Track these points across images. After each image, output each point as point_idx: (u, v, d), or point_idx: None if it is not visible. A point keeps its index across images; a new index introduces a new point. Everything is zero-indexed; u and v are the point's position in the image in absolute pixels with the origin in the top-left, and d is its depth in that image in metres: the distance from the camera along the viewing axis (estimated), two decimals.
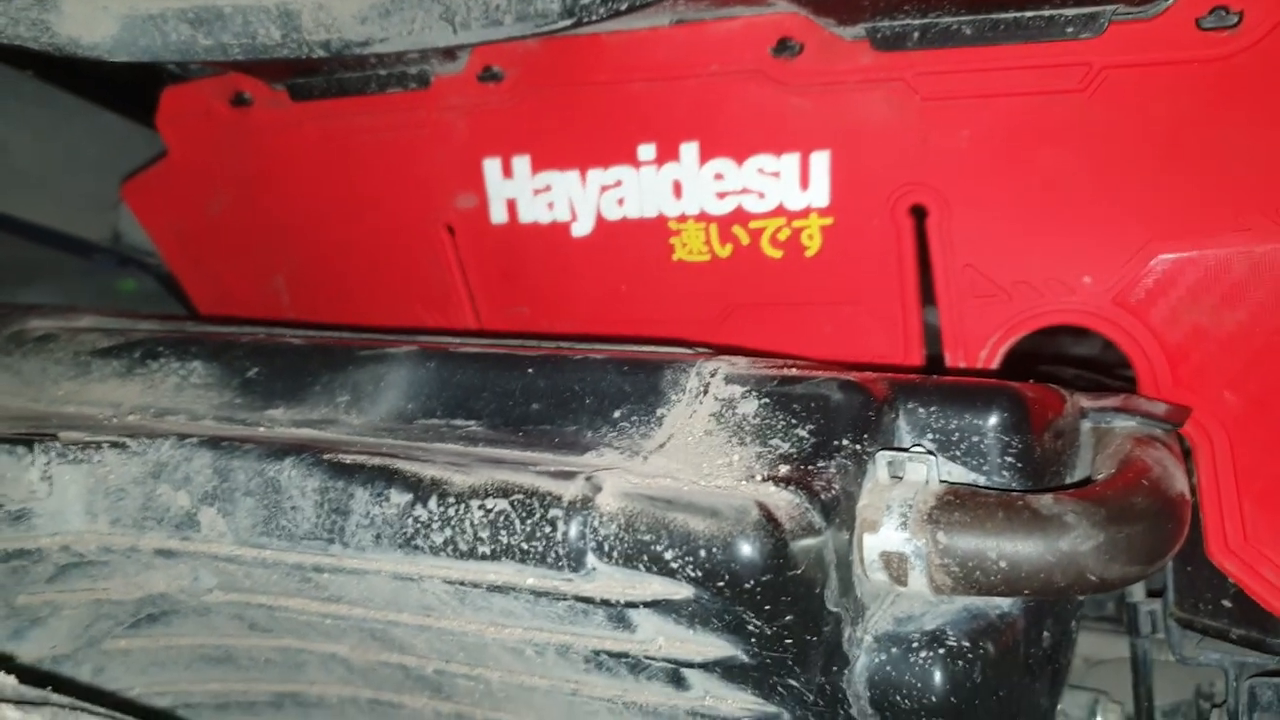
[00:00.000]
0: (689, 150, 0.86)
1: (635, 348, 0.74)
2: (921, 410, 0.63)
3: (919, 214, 0.81)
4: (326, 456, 0.62)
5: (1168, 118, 0.73)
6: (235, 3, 0.82)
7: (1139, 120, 0.74)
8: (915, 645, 0.57)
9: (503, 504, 0.57)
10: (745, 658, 0.56)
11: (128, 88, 1.19)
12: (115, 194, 1.22)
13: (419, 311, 1.03)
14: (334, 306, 1.06)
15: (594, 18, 0.73)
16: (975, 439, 0.61)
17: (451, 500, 0.58)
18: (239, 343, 0.78)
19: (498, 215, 0.95)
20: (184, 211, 1.11)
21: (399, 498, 0.58)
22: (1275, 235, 0.72)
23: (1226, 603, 0.77)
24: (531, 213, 0.94)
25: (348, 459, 0.61)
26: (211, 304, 1.15)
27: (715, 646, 0.56)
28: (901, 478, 0.59)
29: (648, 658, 0.57)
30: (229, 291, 1.12)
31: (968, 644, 0.56)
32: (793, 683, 0.56)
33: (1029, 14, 0.73)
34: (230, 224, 1.09)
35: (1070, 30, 0.73)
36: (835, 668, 0.56)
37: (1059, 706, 0.69)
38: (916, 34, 0.76)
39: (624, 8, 0.70)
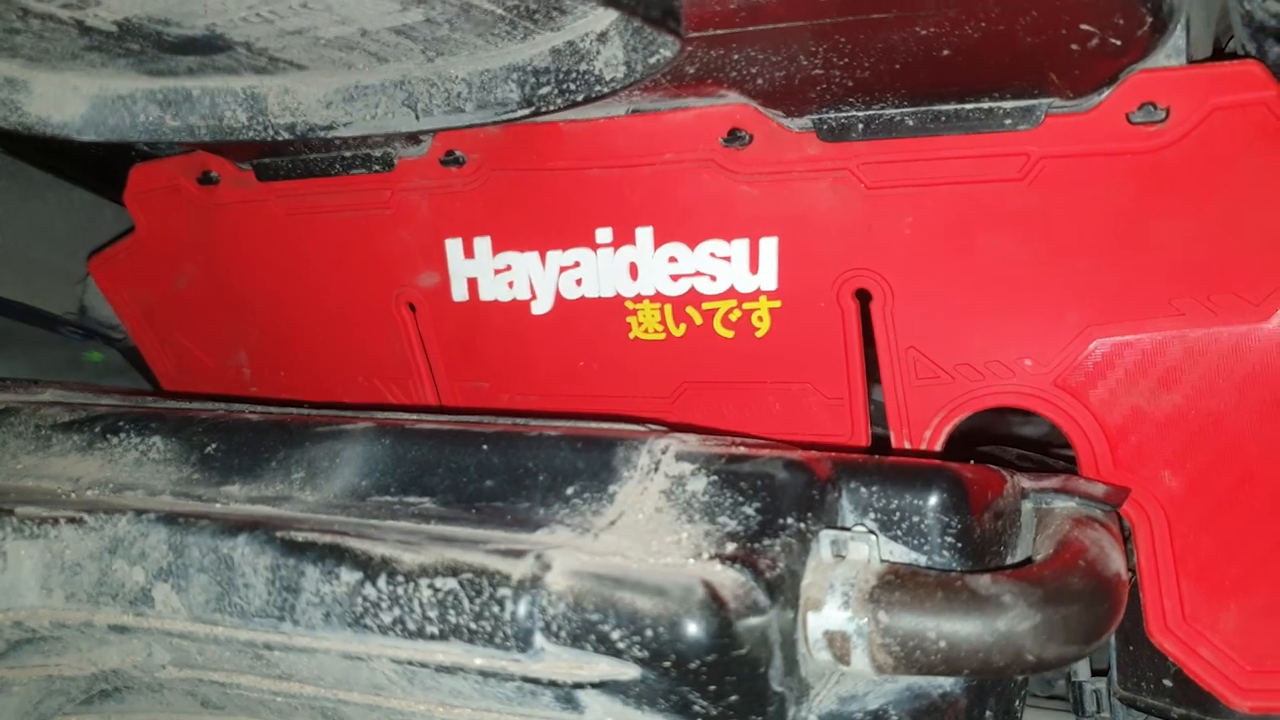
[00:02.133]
0: (644, 234, 0.89)
1: (590, 424, 0.76)
2: (864, 490, 0.64)
3: (864, 298, 0.83)
4: (279, 534, 0.62)
5: (1103, 206, 0.76)
6: (203, 85, 0.84)
7: (1075, 208, 0.77)
8: None
9: (451, 583, 0.58)
10: None
11: (96, 164, 1.20)
12: (82, 268, 1.23)
13: (379, 387, 1.04)
14: (295, 381, 1.07)
15: (551, 108, 0.76)
16: (916, 519, 0.63)
17: (400, 579, 0.58)
18: (198, 419, 0.79)
19: (459, 293, 0.97)
20: (150, 286, 1.12)
21: (348, 576, 0.59)
22: (1208, 320, 0.75)
23: (1168, 682, 0.78)
24: (492, 291, 0.95)
25: (299, 537, 0.62)
26: (175, 378, 1.16)
27: None
28: (844, 557, 0.60)
29: None
30: (192, 366, 1.13)
31: None
32: None
33: (969, 106, 0.76)
34: (195, 299, 1.10)
35: (1008, 122, 0.76)
36: None
37: None
38: (861, 125, 0.79)
39: (580, 99, 0.72)
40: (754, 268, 0.85)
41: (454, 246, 0.96)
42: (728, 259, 0.86)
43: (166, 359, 1.15)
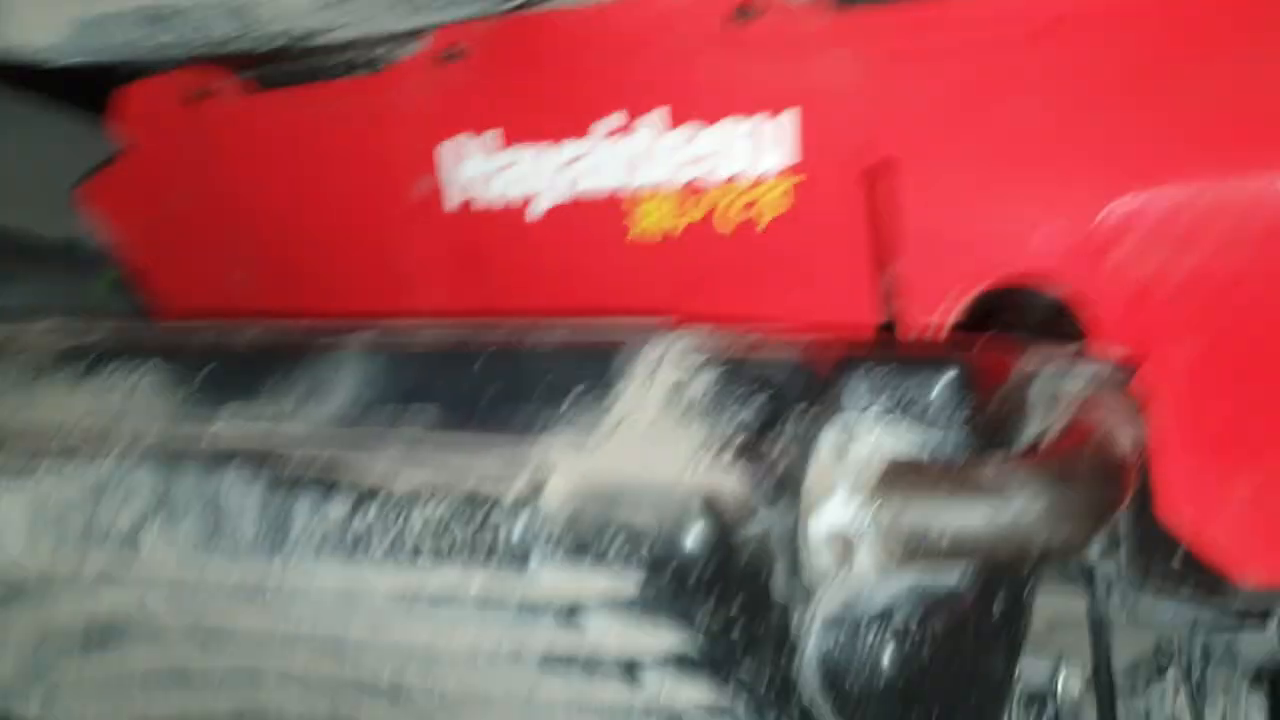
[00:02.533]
0: (652, 120, 0.86)
1: (593, 325, 0.74)
2: (870, 378, 0.62)
3: (881, 171, 0.80)
4: (266, 467, 0.61)
5: (1119, 60, 0.72)
6: None
7: (1091, 64, 0.73)
8: (863, 627, 0.56)
9: (444, 505, 0.57)
10: (696, 651, 0.55)
11: (83, 86, 1.18)
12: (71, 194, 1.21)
13: (381, 296, 1.02)
14: (296, 296, 1.06)
15: None
16: (923, 405, 0.61)
17: (392, 505, 0.57)
18: (189, 345, 0.77)
19: (458, 197, 0.94)
20: (145, 208, 1.10)
21: (339, 507, 0.58)
22: (1230, 173, 0.71)
23: (1178, 560, 0.76)
24: (498, 189, 0.93)
25: (288, 469, 0.61)
26: (176, 299, 1.15)
27: (665, 641, 0.55)
28: (848, 451, 0.59)
29: (599, 656, 0.57)
30: (193, 285, 1.12)
31: (915, 622, 0.56)
32: (744, 671, 0.56)
33: None
34: (192, 218, 1.08)
35: None
36: (786, 654, 0.56)
37: (1018, 674, 0.69)
38: None
39: None
40: (770, 146, 0.82)
41: (450, 149, 0.93)
42: (742, 138, 0.83)
43: (166, 279, 1.14)
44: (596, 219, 0.89)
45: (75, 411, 0.72)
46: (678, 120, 0.85)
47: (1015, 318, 0.79)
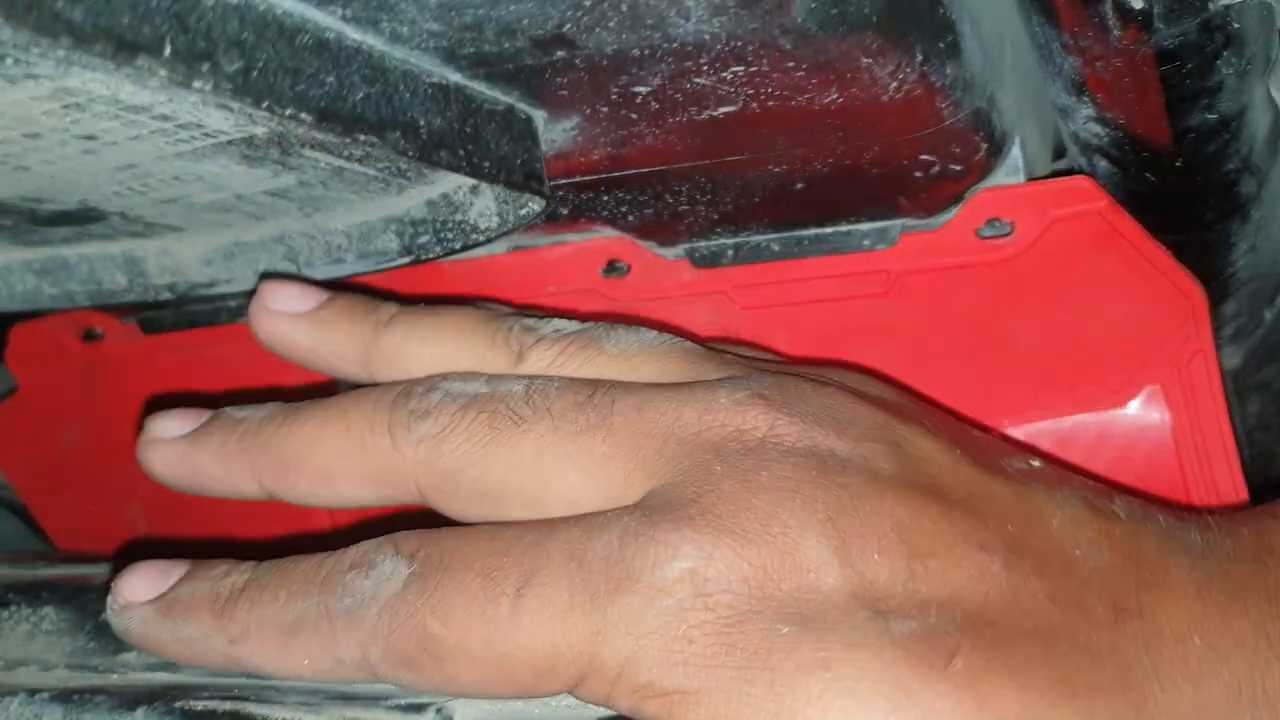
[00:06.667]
0: None
1: None
2: None
3: None
4: (178, 704, 0.62)
5: (962, 314, 0.81)
6: (80, 252, 0.85)
7: (937, 318, 0.81)
8: None
9: None
10: None
11: None
12: None
13: (275, 524, 1.03)
14: (191, 527, 1.06)
15: (431, 255, 0.78)
16: None
17: None
18: (92, 584, 0.78)
19: None
20: (36, 445, 1.10)
21: None
22: (1073, 410, 0.79)
23: None
24: None
25: (199, 705, 0.61)
26: (67, 535, 1.14)
27: None
28: None
29: None
30: (85, 522, 1.11)
31: None
32: None
33: (829, 230, 0.80)
34: (84, 455, 1.08)
35: (866, 243, 0.80)
36: None
37: None
38: (731, 251, 0.83)
39: (458, 247, 0.75)
40: None
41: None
42: None
43: (59, 516, 1.13)
44: None
45: None
46: None
47: None
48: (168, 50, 0.39)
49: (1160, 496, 0.77)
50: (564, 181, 0.73)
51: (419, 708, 0.59)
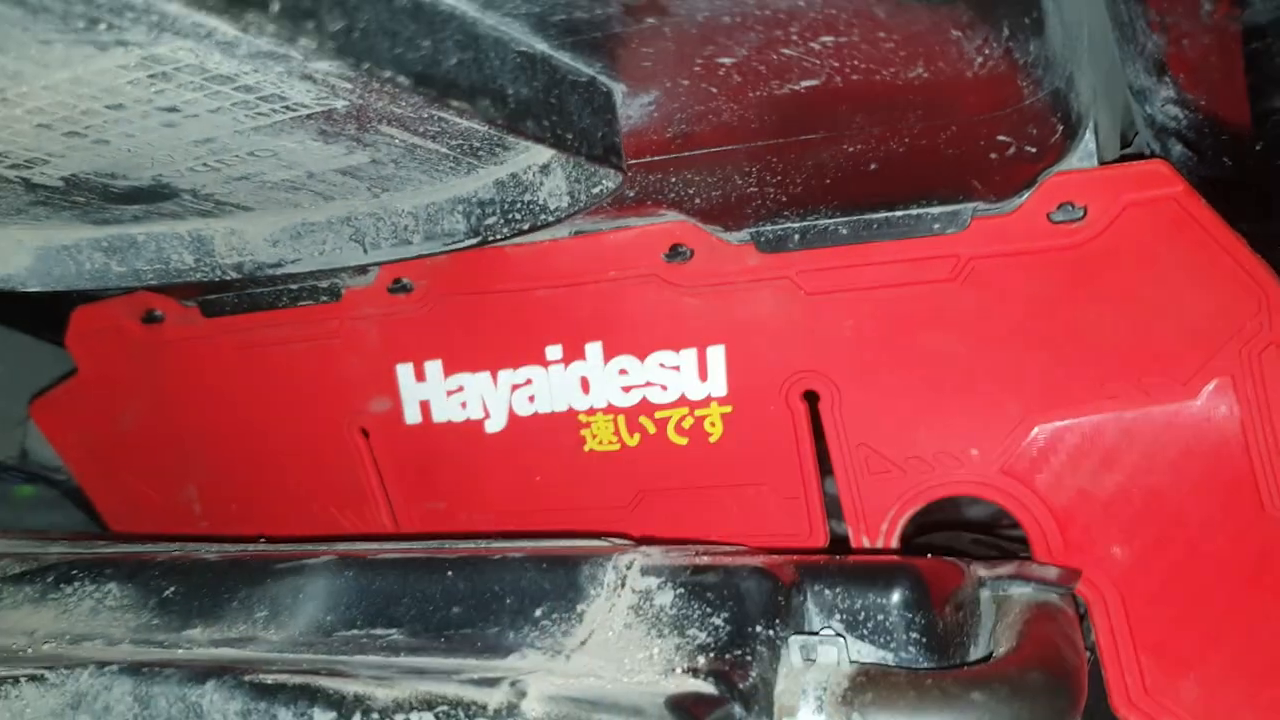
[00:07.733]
0: (594, 349, 0.91)
1: (553, 543, 0.76)
2: (828, 592, 0.65)
3: (812, 399, 0.86)
4: (248, 678, 0.62)
5: (1032, 300, 0.80)
6: (149, 230, 0.85)
7: (1007, 304, 0.80)
8: None
9: (428, 717, 0.58)
10: None
11: (35, 307, 1.20)
12: (22, 412, 1.22)
13: (335, 515, 1.03)
14: (247, 514, 1.06)
15: (498, 237, 0.78)
16: (881, 617, 0.64)
17: (376, 717, 0.58)
18: (154, 562, 0.78)
19: (412, 417, 0.98)
20: (94, 427, 1.11)
21: (322, 717, 0.58)
22: (1140, 401, 0.78)
23: None
24: (445, 413, 0.97)
25: (269, 679, 0.61)
26: (123, 517, 1.15)
27: None
28: (814, 660, 0.61)
29: None
30: (140, 504, 1.12)
31: None
32: None
33: (899, 213, 0.80)
34: (141, 438, 1.09)
35: (937, 226, 0.80)
36: None
37: None
38: (797, 235, 0.82)
39: (525, 228, 0.75)
40: (703, 375, 0.88)
41: (405, 371, 0.97)
42: (677, 369, 0.89)
43: (114, 499, 1.14)
44: (552, 433, 0.93)
45: (43, 627, 0.72)
46: (611, 353, 0.90)
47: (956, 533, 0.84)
48: (276, 6, 0.39)
49: None
50: (633, 162, 0.72)
51: (493, 681, 0.59)
